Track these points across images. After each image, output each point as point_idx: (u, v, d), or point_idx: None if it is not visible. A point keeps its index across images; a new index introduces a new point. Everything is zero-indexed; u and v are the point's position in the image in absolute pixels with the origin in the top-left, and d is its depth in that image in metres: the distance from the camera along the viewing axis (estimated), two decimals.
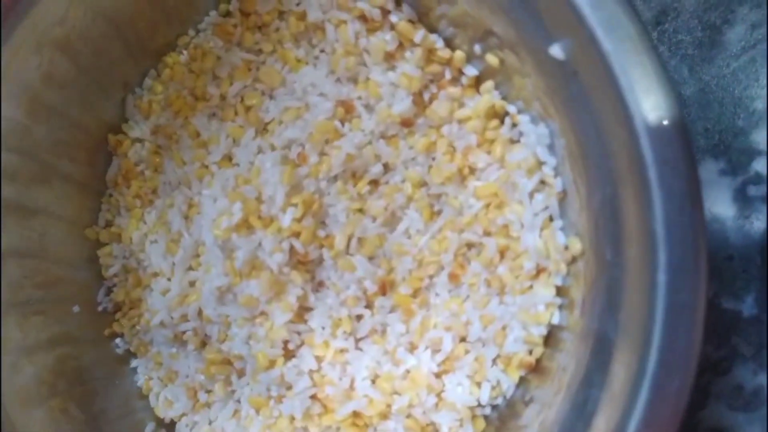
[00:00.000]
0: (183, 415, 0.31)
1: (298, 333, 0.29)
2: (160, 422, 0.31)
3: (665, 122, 0.18)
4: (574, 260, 0.24)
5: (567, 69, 0.20)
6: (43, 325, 0.30)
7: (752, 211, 0.30)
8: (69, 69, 0.29)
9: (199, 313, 0.30)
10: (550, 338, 0.25)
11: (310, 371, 0.28)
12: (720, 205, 0.31)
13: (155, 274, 0.31)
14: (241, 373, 0.30)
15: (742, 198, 0.32)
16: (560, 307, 0.25)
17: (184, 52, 0.31)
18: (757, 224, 0.30)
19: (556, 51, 0.20)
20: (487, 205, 0.27)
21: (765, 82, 0.31)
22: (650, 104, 0.18)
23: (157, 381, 0.31)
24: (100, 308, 0.32)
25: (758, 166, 0.32)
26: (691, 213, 0.17)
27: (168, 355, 0.31)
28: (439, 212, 0.29)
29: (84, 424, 0.30)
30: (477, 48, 0.26)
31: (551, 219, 0.25)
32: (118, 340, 0.32)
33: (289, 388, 0.29)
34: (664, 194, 0.18)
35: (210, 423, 0.30)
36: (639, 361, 0.18)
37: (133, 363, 0.32)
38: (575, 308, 0.23)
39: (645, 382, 0.18)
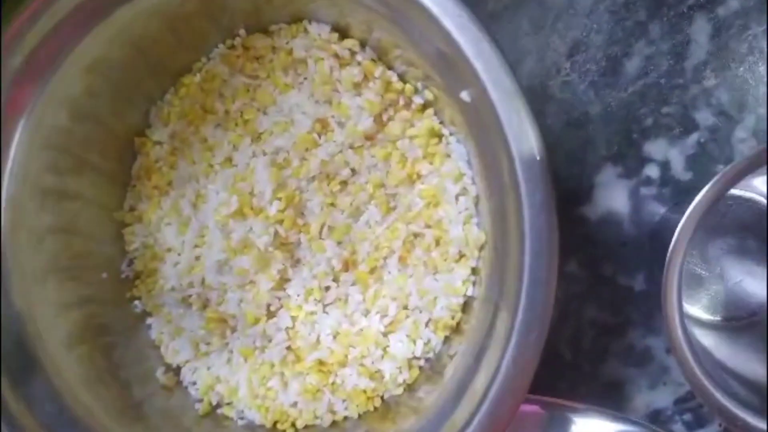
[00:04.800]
0: (187, 361, 0.35)
1: (278, 298, 0.33)
2: (168, 367, 0.35)
3: (533, 155, 0.24)
4: (482, 248, 0.30)
5: (472, 109, 0.26)
6: (76, 288, 0.34)
7: (643, 207, 0.36)
8: (104, 85, 0.33)
9: (202, 281, 0.34)
10: (466, 306, 0.31)
11: (287, 328, 0.33)
12: (617, 202, 0.36)
13: (168, 250, 0.35)
14: (233, 329, 0.34)
15: (635, 197, 0.36)
16: (473, 282, 0.30)
17: (198, 74, 0.35)
18: (646, 217, 0.36)
19: (464, 95, 0.26)
20: (428, 204, 0.32)
21: (652, 105, 0.36)
22: (523, 143, 0.24)
23: (167, 335, 0.35)
24: (122, 276, 0.36)
25: (649, 171, 0.37)
26: (547, 218, 0.24)
27: (176, 315, 0.35)
28: (394, 208, 0.33)
29: (105, 369, 0.33)
30: (420, 85, 0.32)
31: (470, 216, 0.31)
32: (136, 302, 0.36)
33: (270, 340, 0.33)
34: (529, 204, 0.24)
35: (208, 368, 0.34)
36: (511, 319, 0.24)
37: (148, 321, 0.36)
38: (481, 283, 0.29)
39: (514, 333, 0.24)
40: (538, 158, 0.24)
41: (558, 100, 0.36)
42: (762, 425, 0.25)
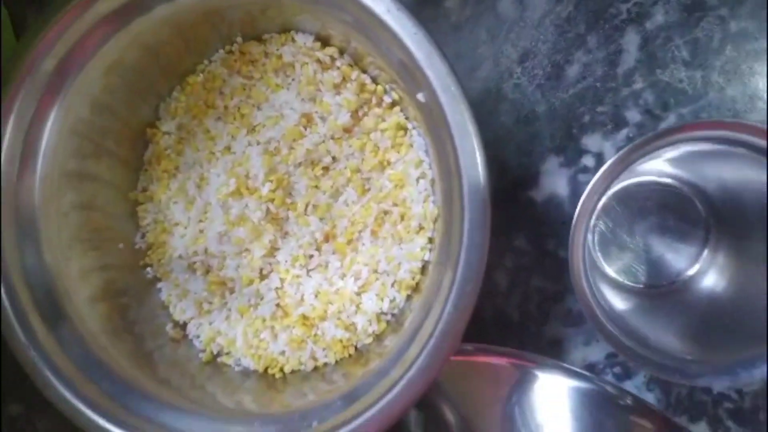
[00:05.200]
0: (192, 318, 0.38)
1: (270, 264, 0.37)
2: (176, 323, 0.39)
3: (472, 147, 0.29)
4: (436, 221, 0.35)
5: (427, 108, 0.30)
6: (96, 256, 0.37)
7: (580, 191, 0.37)
8: (121, 84, 0.37)
9: (205, 250, 0.38)
10: (423, 269, 0.35)
11: (276, 288, 0.37)
12: (559, 187, 0.39)
13: (176, 224, 0.38)
14: (231, 290, 0.38)
15: (574, 183, 0.40)
16: (429, 249, 0.35)
17: (201, 75, 0.38)
18: None
19: (420, 97, 0.30)
20: (395, 186, 0.36)
21: (589, 105, 0.39)
22: (464, 138, 0.29)
23: (175, 296, 0.39)
24: (136, 246, 0.39)
25: (585, 161, 0.40)
26: (483, 195, 0.28)
27: (183, 279, 0.38)
28: (368, 190, 0.37)
29: (122, 325, 0.37)
30: (388, 87, 0.36)
31: (428, 196, 0.35)
32: (148, 269, 0.39)
33: (262, 298, 0.37)
34: (468, 184, 0.29)
35: (210, 324, 0.38)
36: (453, 275, 0.29)
37: (159, 285, 0.39)
38: (435, 249, 0.34)
39: (455, 285, 0.29)
40: (476, 150, 0.29)
41: (510, 100, 0.40)
42: (643, 353, 0.30)
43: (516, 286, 0.41)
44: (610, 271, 0.39)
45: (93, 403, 0.33)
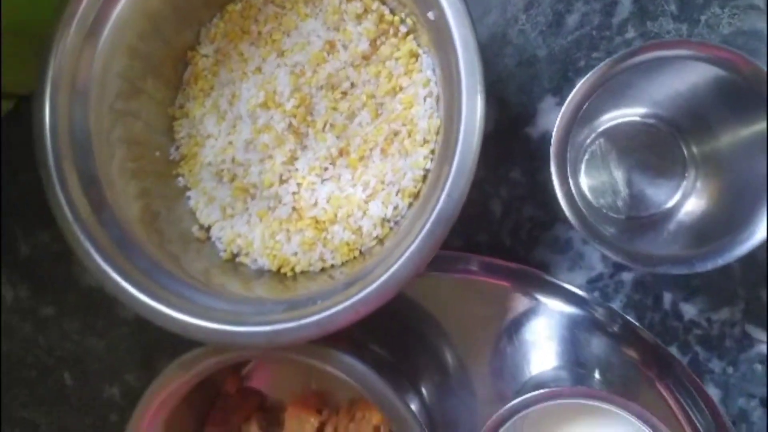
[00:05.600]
0: (216, 221, 0.42)
1: (289, 171, 0.41)
2: (201, 226, 0.43)
3: (473, 54, 0.33)
4: (438, 132, 0.38)
5: (435, 27, 0.34)
6: (137, 160, 0.42)
7: None
8: (168, 10, 0.41)
9: (233, 159, 0.41)
10: (425, 178, 0.39)
11: (293, 192, 0.40)
12: (553, 125, 0.39)
13: (208, 137, 0.42)
14: (253, 197, 0.41)
15: None
16: (431, 159, 0.39)
17: (239, 3, 0.42)
18: None
19: (430, 15, 0.35)
20: (405, 108, 0.39)
21: (585, 51, 0.43)
22: (467, 46, 0.33)
23: (202, 203, 0.42)
24: (170, 157, 0.43)
25: None
26: (476, 99, 0.32)
27: (210, 187, 0.42)
28: (381, 114, 0.40)
29: (153, 230, 0.41)
30: (404, 15, 0.40)
31: (433, 111, 0.39)
32: (180, 178, 0.43)
33: (280, 201, 0.41)
34: (466, 87, 0.33)
35: (232, 227, 0.42)
36: (448, 170, 0.33)
37: (188, 193, 0.43)
38: (435, 158, 0.38)
39: (449, 178, 0.33)
40: (476, 59, 0.33)
41: (514, 44, 0.44)
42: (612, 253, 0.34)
43: (509, 214, 0.45)
44: (595, 202, 0.43)
45: (127, 275, 0.37)
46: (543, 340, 0.44)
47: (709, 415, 0.40)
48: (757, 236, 0.32)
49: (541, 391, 0.33)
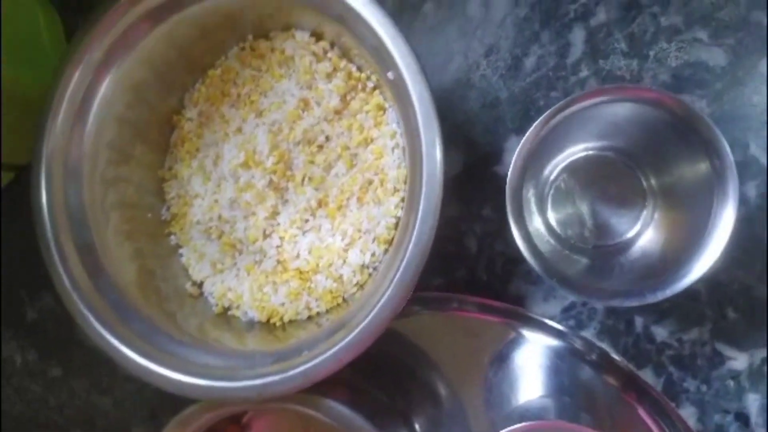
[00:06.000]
0: (207, 277, 0.44)
1: (272, 225, 0.42)
2: (194, 282, 0.44)
3: (429, 110, 0.35)
4: (405, 181, 0.40)
5: (395, 85, 0.37)
6: (129, 223, 0.43)
7: None
8: (153, 77, 0.43)
9: (219, 216, 0.43)
10: (397, 225, 0.41)
11: (276, 246, 0.42)
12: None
13: (196, 196, 0.44)
14: (240, 251, 0.43)
15: None
16: (401, 207, 0.41)
17: (219, 69, 0.44)
18: None
19: (390, 75, 0.37)
20: (376, 158, 0.41)
21: (543, 91, 0.45)
22: (423, 102, 0.35)
23: (194, 259, 0.44)
24: (162, 218, 0.45)
25: None
26: (435, 150, 0.35)
27: (200, 244, 0.44)
28: (355, 164, 0.42)
29: (150, 289, 0.42)
30: (369, 73, 0.42)
31: (401, 162, 0.41)
32: (172, 237, 0.45)
33: (265, 255, 0.42)
34: (425, 140, 0.36)
35: (222, 282, 0.43)
36: (415, 216, 0.35)
37: (180, 251, 0.45)
38: (405, 205, 0.40)
39: (417, 224, 0.35)
40: (432, 112, 0.35)
41: (477, 88, 0.46)
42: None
43: (483, 250, 0.47)
44: (563, 234, 0.45)
45: (126, 340, 0.39)
46: (528, 371, 0.45)
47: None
48: (693, 274, 0.34)
49: (521, 425, 0.35)
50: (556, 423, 0.35)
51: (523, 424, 0.37)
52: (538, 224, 0.43)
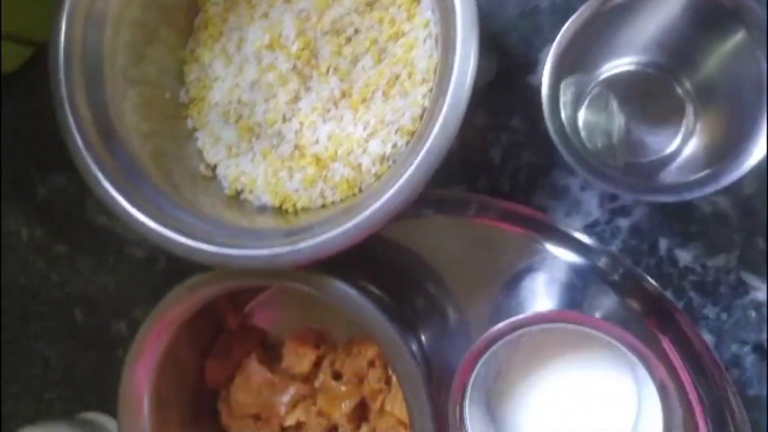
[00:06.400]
0: (221, 159, 0.44)
1: (292, 110, 0.41)
2: (208, 165, 0.44)
3: (472, 20, 0.34)
4: (435, 70, 0.39)
5: None
6: (147, 101, 0.43)
7: None
8: None
9: (239, 99, 0.42)
10: (422, 116, 0.40)
11: (296, 131, 0.41)
12: None
13: (216, 79, 0.43)
14: (257, 136, 0.42)
15: None
16: (428, 97, 0.39)
17: None
18: None
19: None
20: (406, 51, 0.40)
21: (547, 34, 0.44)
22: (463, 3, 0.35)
23: (209, 143, 0.44)
24: (180, 100, 0.45)
25: None
26: (471, 33, 0.34)
27: (217, 127, 0.43)
28: (383, 58, 0.41)
29: (161, 166, 0.42)
30: None
31: (432, 51, 0.40)
32: (189, 120, 0.45)
33: (283, 139, 0.41)
34: (461, 22, 0.34)
35: (236, 165, 0.43)
36: (442, 102, 0.34)
37: (196, 134, 0.45)
38: (432, 94, 0.39)
39: (443, 111, 0.34)
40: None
41: None
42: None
43: (508, 160, 0.45)
44: (590, 145, 0.43)
45: (135, 202, 0.39)
46: (541, 285, 0.44)
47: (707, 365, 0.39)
48: (746, 164, 0.32)
49: (526, 314, 0.34)
50: (564, 313, 0.33)
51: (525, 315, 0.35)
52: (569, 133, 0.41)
